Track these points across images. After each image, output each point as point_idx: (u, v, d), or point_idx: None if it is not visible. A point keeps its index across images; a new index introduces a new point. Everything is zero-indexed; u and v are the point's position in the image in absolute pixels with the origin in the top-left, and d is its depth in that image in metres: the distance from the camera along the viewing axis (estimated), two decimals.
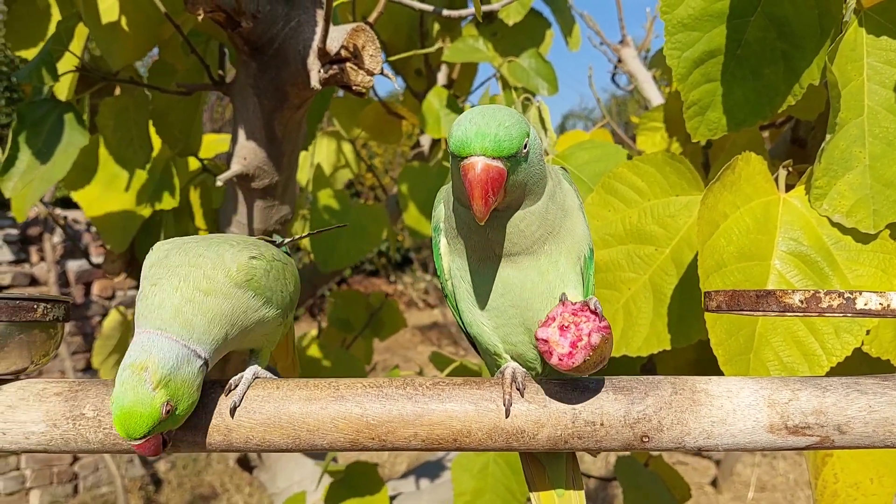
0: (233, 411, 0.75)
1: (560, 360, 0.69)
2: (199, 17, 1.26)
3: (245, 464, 2.63)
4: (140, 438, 0.68)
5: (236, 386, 0.77)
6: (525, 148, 0.69)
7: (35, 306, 0.77)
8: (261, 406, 0.76)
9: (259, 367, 0.82)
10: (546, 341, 0.69)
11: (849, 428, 0.72)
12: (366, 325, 2.86)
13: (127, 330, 2.74)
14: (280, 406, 0.76)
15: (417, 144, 2.93)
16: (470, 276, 0.80)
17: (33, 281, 5.22)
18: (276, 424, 0.75)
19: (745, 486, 5.75)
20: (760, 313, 0.72)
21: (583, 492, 0.88)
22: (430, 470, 2.63)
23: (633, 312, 1.28)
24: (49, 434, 0.76)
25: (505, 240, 0.75)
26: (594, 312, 0.70)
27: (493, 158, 0.67)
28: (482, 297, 0.80)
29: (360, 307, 2.91)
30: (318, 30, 1.32)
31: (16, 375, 0.80)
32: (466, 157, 0.67)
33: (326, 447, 0.76)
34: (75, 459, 5.38)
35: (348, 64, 1.29)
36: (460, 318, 0.85)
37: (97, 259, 5.31)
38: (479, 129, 0.67)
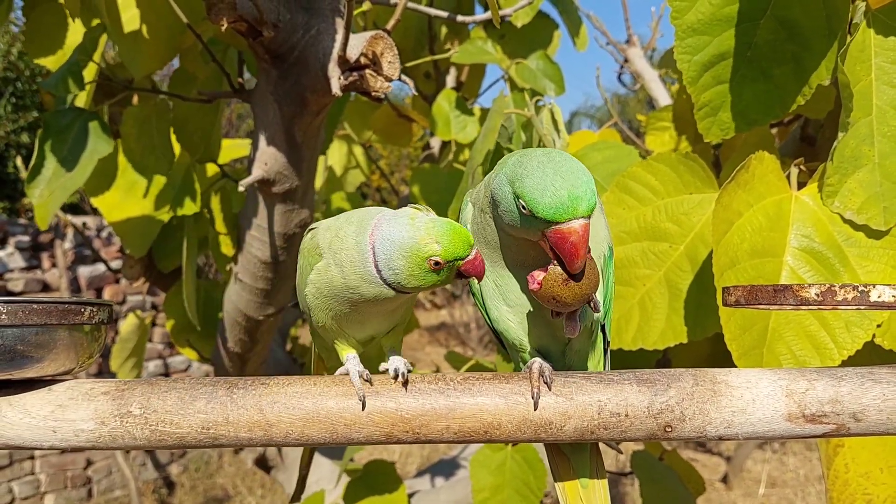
0: (406, 385, 0.79)
1: (538, 284, 0.73)
2: (222, 27, 1.29)
3: (263, 464, 2.67)
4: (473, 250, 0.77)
5: (399, 372, 0.80)
6: None
7: (82, 309, 0.80)
8: (299, 402, 0.79)
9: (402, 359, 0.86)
10: (532, 276, 0.74)
11: (864, 416, 0.75)
12: None
13: (143, 334, 2.78)
14: (318, 401, 0.79)
15: (428, 147, 2.96)
16: (496, 276, 0.84)
17: (45, 287, 5.27)
18: (315, 419, 0.79)
19: (755, 482, 5.77)
20: (777, 307, 0.75)
21: (605, 481, 0.92)
22: (445, 468, 2.66)
23: (649, 308, 1.31)
24: (97, 431, 0.79)
25: (534, 249, 0.78)
26: None
27: (586, 218, 0.69)
28: (508, 296, 0.84)
29: None
30: (338, 38, 1.35)
31: (63, 376, 0.84)
32: (563, 222, 0.69)
33: (363, 441, 0.79)
34: (89, 464, 5.43)
35: (367, 71, 1.33)
36: (487, 315, 0.88)
37: (111, 264, 5.36)
38: (572, 194, 0.68)
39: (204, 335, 2.24)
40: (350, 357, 0.88)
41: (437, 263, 0.75)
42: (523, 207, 0.70)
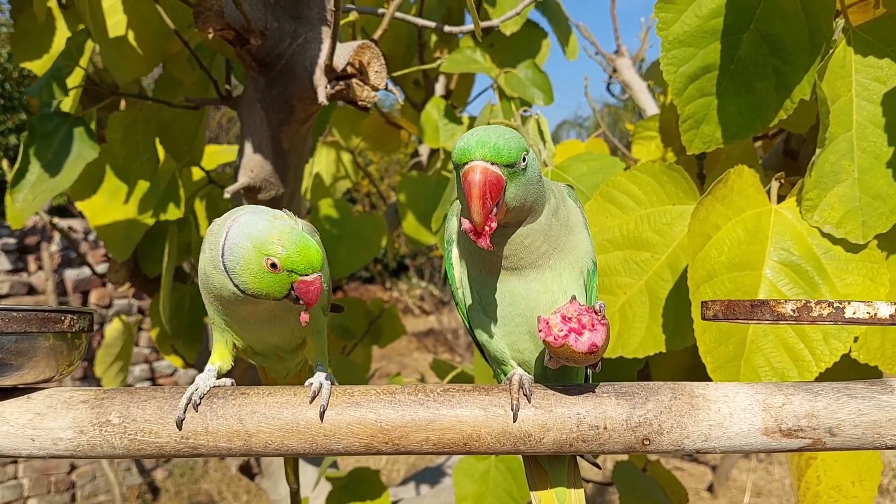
0: (322, 415, 0.78)
1: (555, 339, 0.73)
2: (210, 35, 1.30)
3: (247, 471, 2.65)
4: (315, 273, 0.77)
5: (317, 393, 0.80)
6: (524, 162, 0.73)
7: (62, 318, 0.80)
8: (279, 412, 0.79)
9: (328, 372, 0.86)
10: (546, 322, 0.74)
11: (839, 430, 0.76)
12: (366, 333, 2.88)
13: (129, 338, 2.77)
14: (298, 412, 0.79)
15: (416, 154, 2.97)
16: (479, 286, 0.84)
17: (31, 290, 5.23)
18: (294, 430, 0.79)
19: (740, 491, 5.79)
20: (755, 322, 0.75)
21: (582, 491, 0.92)
22: (430, 476, 2.66)
23: (629, 316, 1.31)
24: (76, 440, 0.79)
25: (511, 254, 0.79)
26: (596, 312, 0.74)
27: (492, 164, 0.71)
28: (490, 307, 0.84)
29: (360, 314, 2.93)
30: (325, 47, 1.36)
31: (43, 384, 0.83)
32: (467, 164, 0.71)
33: (342, 451, 0.79)
34: (73, 468, 5.38)
35: (354, 80, 1.33)
36: (470, 326, 0.89)
37: (97, 268, 5.32)
38: (480, 139, 0.72)
39: (189, 341, 2.23)
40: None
41: (273, 266, 0.76)
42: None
